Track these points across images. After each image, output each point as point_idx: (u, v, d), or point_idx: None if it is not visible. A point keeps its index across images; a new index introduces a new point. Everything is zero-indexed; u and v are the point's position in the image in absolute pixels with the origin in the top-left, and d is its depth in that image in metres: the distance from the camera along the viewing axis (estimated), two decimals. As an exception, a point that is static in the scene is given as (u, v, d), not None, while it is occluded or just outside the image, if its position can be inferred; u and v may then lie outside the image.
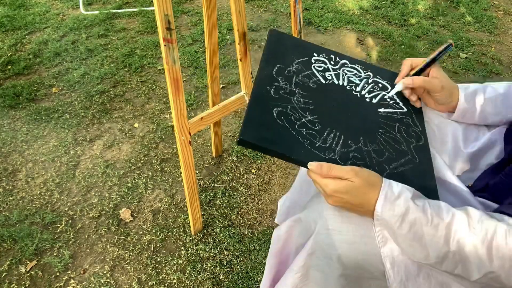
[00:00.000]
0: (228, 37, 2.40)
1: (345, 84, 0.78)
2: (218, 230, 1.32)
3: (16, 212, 1.36)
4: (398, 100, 0.79)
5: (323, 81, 0.76)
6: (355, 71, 0.82)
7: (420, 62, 0.78)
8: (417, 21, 2.65)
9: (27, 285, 1.16)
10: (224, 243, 1.28)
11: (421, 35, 2.49)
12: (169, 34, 0.86)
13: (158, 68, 2.12)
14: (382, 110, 0.76)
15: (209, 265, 1.22)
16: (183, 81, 2.02)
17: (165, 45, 0.87)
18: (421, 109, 0.80)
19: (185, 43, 2.32)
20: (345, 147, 0.67)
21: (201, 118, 1.07)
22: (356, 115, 0.73)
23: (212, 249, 1.26)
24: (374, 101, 0.78)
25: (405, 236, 0.56)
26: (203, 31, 2.39)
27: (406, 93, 0.79)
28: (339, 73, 0.80)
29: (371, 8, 2.81)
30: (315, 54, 0.81)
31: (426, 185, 0.65)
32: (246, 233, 1.31)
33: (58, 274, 1.19)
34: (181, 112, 0.98)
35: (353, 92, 0.78)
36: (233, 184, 1.49)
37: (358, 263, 0.64)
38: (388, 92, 0.79)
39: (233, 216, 1.37)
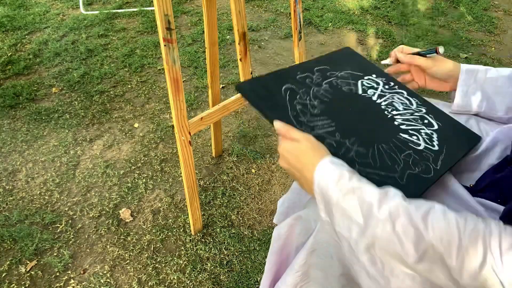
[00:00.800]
0: (228, 37, 2.40)
1: (381, 103, 0.78)
2: (218, 230, 1.32)
3: (16, 212, 1.36)
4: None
5: (358, 91, 0.78)
6: (407, 101, 0.80)
7: (411, 50, 0.83)
8: (417, 21, 2.65)
9: (27, 285, 1.16)
10: (224, 243, 1.28)
11: (421, 35, 2.49)
12: (169, 34, 0.86)
13: (158, 68, 2.12)
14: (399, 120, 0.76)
15: (209, 265, 1.22)
16: (183, 81, 2.02)
17: (165, 45, 0.87)
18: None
19: (185, 43, 2.32)
20: (363, 148, 0.68)
21: (201, 118, 1.07)
22: (367, 115, 0.75)
23: (212, 249, 1.26)
24: (396, 122, 0.76)
25: (339, 198, 0.54)
26: (203, 31, 2.38)
27: (391, 69, 0.84)
28: (385, 94, 0.79)
29: (371, 8, 2.81)
30: (373, 75, 0.83)
31: (461, 129, 0.72)
32: (246, 233, 1.31)
33: (58, 274, 1.19)
34: (181, 112, 0.98)
35: (366, 97, 0.78)
36: (233, 184, 1.49)
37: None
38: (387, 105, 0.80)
39: (233, 216, 1.37)
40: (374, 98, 0.78)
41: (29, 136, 1.68)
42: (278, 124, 0.64)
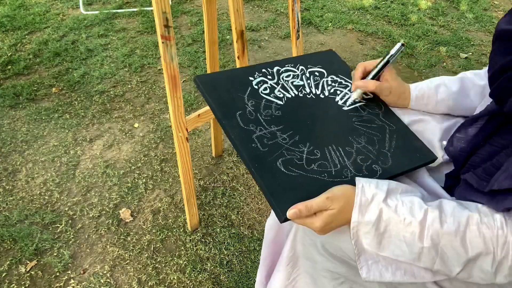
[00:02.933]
0: (228, 37, 2.40)
1: (296, 92, 0.79)
2: (218, 230, 1.32)
3: (16, 212, 1.36)
4: (341, 81, 0.83)
5: (280, 102, 0.76)
6: (291, 73, 0.82)
7: (373, 64, 0.80)
8: (417, 21, 2.65)
9: (27, 285, 1.16)
10: (224, 243, 1.28)
11: (421, 35, 2.49)
12: (166, 32, 0.87)
13: (158, 68, 2.12)
14: (338, 99, 0.80)
15: (209, 265, 1.22)
16: (183, 81, 2.02)
17: (163, 42, 0.88)
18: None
19: (185, 43, 2.32)
20: (349, 157, 0.68)
21: (198, 115, 1.08)
22: (329, 119, 0.75)
23: (212, 249, 1.26)
24: (326, 93, 0.80)
25: (382, 237, 0.57)
26: (203, 31, 2.39)
27: (363, 96, 0.81)
28: (283, 83, 0.80)
29: (371, 8, 2.81)
30: (250, 78, 0.79)
31: (416, 146, 0.72)
32: (246, 233, 1.31)
33: (58, 274, 1.19)
34: (179, 109, 0.99)
35: (307, 96, 0.78)
36: (233, 184, 1.49)
37: (343, 251, 0.65)
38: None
39: (233, 216, 1.37)
40: (288, 95, 0.78)
41: (29, 136, 1.68)
42: (293, 215, 0.57)
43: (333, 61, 0.88)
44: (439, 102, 0.78)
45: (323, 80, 0.83)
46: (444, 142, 0.74)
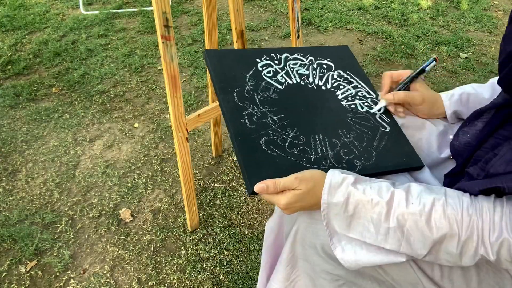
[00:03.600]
0: (228, 37, 2.40)
1: (298, 80, 0.80)
2: (218, 230, 1.32)
3: (16, 212, 1.36)
4: (347, 77, 0.84)
5: (280, 87, 0.77)
6: (298, 61, 0.83)
7: (400, 74, 0.80)
8: (417, 21, 2.65)
9: (27, 285, 1.16)
10: (224, 243, 1.28)
11: (421, 35, 2.49)
12: (166, 32, 0.87)
13: (158, 68, 2.12)
14: (339, 93, 0.80)
15: (209, 265, 1.22)
16: (183, 81, 2.02)
17: (162, 42, 0.88)
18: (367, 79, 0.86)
19: (185, 43, 2.32)
20: (333, 148, 0.69)
21: (198, 115, 1.08)
22: (324, 110, 0.76)
23: (212, 249, 1.26)
24: (328, 86, 0.81)
25: (351, 218, 0.58)
26: (203, 31, 2.39)
27: (390, 108, 0.80)
28: (288, 70, 0.81)
29: (371, 8, 2.81)
30: (257, 59, 0.81)
31: (405, 150, 0.72)
32: (246, 233, 1.31)
33: (58, 274, 1.19)
34: (178, 109, 0.99)
35: (309, 86, 0.79)
36: (233, 184, 1.49)
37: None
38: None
39: (233, 216, 1.37)
40: (290, 81, 0.79)
41: (29, 136, 1.68)
42: (259, 189, 0.59)
43: (344, 57, 0.88)
44: (471, 108, 0.76)
45: (329, 74, 0.83)
46: (451, 137, 0.73)
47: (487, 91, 0.77)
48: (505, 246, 0.50)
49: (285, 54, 0.83)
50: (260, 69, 0.79)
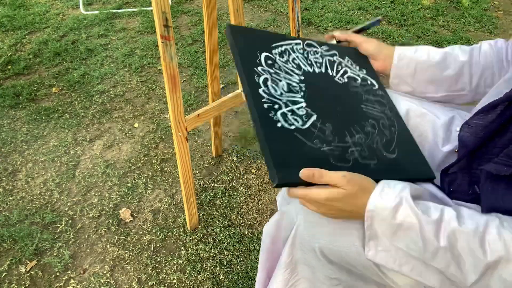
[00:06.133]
0: (228, 37, 2.40)
1: (317, 69, 0.80)
2: (218, 230, 1.32)
3: (16, 212, 1.36)
4: (368, 79, 0.85)
5: (299, 72, 0.77)
6: (313, 48, 0.85)
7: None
8: (417, 21, 2.65)
9: (27, 285, 1.16)
10: (224, 243, 1.28)
11: (421, 35, 2.49)
12: (166, 31, 0.87)
13: (158, 68, 2.12)
14: (354, 87, 0.81)
15: (209, 265, 1.22)
16: (183, 81, 2.02)
17: (162, 42, 0.88)
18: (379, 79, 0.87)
19: (185, 43, 2.32)
20: (351, 142, 0.68)
21: (198, 114, 1.08)
22: (344, 101, 0.76)
23: (212, 249, 1.26)
24: (344, 78, 0.81)
25: (397, 227, 0.55)
26: (203, 31, 2.39)
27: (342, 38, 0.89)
28: (307, 58, 0.81)
29: (371, 8, 2.81)
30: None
31: (418, 159, 0.72)
32: (246, 233, 1.31)
33: (58, 274, 1.19)
34: (178, 109, 0.99)
35: (327, 76, 0.80)
36: (233, 184, 1.49)
37: (341, 256, 0.64)
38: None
39: (233, 216, 1.37)
40: (312, 69, 0.79)
41: (29, 136, 1.68)
42: (305, 172, 0.56)
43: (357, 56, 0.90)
44: (419, 63, 0.79)
45: (342, 66, 0.85)
46: (457, 129, 0.71)
47: (437, 54, 0.80)
48: None
49: (297, 41, 0.83)
50: (281, 52, 0.78)
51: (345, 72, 0.83)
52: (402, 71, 0.82)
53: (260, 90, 0.66)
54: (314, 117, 0.67)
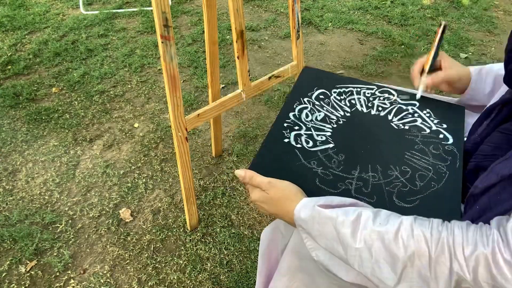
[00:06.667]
0: (228, 37, 2.40)
1: (382, 114, 0.78)
2: (218, 230, 1.32)
3: (16, 212, 1.36)
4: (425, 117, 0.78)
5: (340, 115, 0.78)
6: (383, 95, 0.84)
7: (426, 58, 0.80)
8: (417, 21, 2.65)
9: (27, 285, 1.16)
10: (224, 243, 1.28)
11: (421, 35, 2.49)
12: (166, 31, 0.87)
13: (158, 68, 2.12)
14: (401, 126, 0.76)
15: (209, 265, 1.22)
16: (183, 81, 2.02)
17: (162, 42, 0.88)
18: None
19: (185, 43, 2.32)
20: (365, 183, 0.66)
21: (198, 114, 1.08)
22: (377, 146, 0.72)
23: (212, 249, 1.26)
24: (395, 120, 0.76)
25: (319, 234, 0.57)
26: (203, 31, 2.39)
27: (428, 91, 0.81)
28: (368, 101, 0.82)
29: (371, 8, 2.81)
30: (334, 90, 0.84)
31: (450, 208, 0.61)
32: (246, 233, 1.31)
33: (58, 274, 1.19)
34: (178, 109, 0.99)
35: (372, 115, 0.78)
36: (233, 184, 1.49)
37: (341, 266, 0.64)
38: (413, 102, 0.80)
39: (233, 216, 1.37)
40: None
41: (29, 136, 1.68)
42: (240, 172, 0.64)
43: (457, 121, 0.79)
44: (497, 78, 0.77)
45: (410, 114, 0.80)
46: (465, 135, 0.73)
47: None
48: (482, 263, 0.44)
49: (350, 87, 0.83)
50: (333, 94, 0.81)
51: (413, 121, 0.76)
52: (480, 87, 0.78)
53: (291, 114, 0.73)
54: (329, 145, 0.70)
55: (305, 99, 0.76)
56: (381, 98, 0.81)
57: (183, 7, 2.73)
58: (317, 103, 0.76)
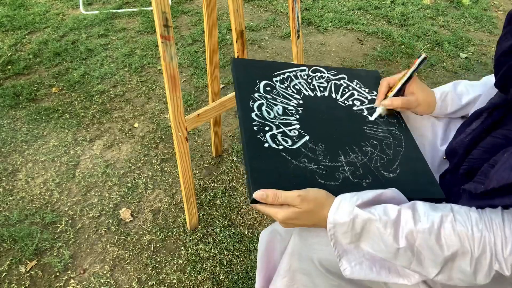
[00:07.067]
0: (228, 37, 2.40)
1: (318, 92, 0.81)
2: (218, 230, 1.32)
3: (16, 212, 1.36)
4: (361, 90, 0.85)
5: (298, 96, 0.78)
6: (319, 73, 0.85)
7: (396, 79, 0.79)
8: (417, 21, 2.65)
9: (27, 285, 1.16)
10: (224, 243, 1.28)
11: (421, 35, 2.49)
12: (166, 31, 0.87)
13: (158, 68, 2.12)
14: (356, 108, 0.80)
15: (209, 265, 1.22)
16: (183, 81, 2.02)
17: (162, 42, 0.88)
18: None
19: (185, 43, 2.32)
20: (348, 162, 0.68)
21: (198, 114, 1.08)
22: (341, 121, 0.76)
23: (212, 249, 1.26)
24: (343, 99, 0.81)
25: (359, 235, 0.57)
26: (203, 31, 2.39)
27: (386, 112, 0.81)
28: (309, 82, 0.83)
29: (371, 8, 2.81)
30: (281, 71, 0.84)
31: (426, 178, 0.68)
32: (246, 233, 1.31)
33: (58, 274, 1.19)
34: (178, 109, 0.99)
35: (325, 98, 0.80)
36: (233, 184, 1.49)
37: (337, 265, 0.64)
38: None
39: (233, 216, 1.37)
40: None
41: (29, 136, 1.68)
42: (259, 196, 0.57)
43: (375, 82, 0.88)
44: (463, 107, 0.77)
45: (345, 87, 0.84)
46: (441, 147, 0.74)
47: (479, 90, 0.77)
48: None
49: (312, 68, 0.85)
50: (281, 79, 0.80)
51: (352, 94, 0.83)
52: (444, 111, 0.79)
53: (253, 114, 0.70)
54: (306, 138, 0.69)
55: (256, 95, 0.74)
56: (317, 78, 0.84)
57: (183, 7, 2.73)
58: (268, 96, 0.75)
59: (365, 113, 0.79)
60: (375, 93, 0.84)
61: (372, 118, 0.79)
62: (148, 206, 1.40)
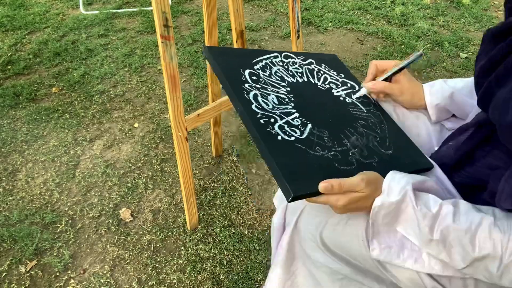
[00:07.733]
0: (228, 37, 2.40)
1: (299, 79, 0.80)
2: (218, 230, 1.32)
3: (16, 212, 1.36)
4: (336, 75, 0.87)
5: (284, 84, 0.77)
6: (291, 59, 0.85)
7: (387, 64, 0.81)
8: (417, 21, 2.65)
9: (27, 285, 1.16)
10: (224, 243, 1.28)
11: (421, 35, 2.49)
12: (166, 31, 0.87)
13: (158, 68, 2.12)
14: (336, 93, 0.81)
15: (209, 265, 1.22)
16: (183, 81, 2.02)
17: (162, 42, 0.88)
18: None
19: (185, 43, 2.32)
20: (350, 144, 0.69)
21: (198, 114, 1.08)
22: (330, 106, 0.76)
23: (212, 249, 1.26)
24: (324, 84, 0.82)
25: (398, 217, 0.59)
26: (203, 31, 2.39)
27: (373, 96, 0.83)
28: (288, 69, 0.82)
29: (371, 8, 2.81)
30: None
31: (417, 159, 0.70)
32: (246, 233, 1.31)
33: (58, 274, 1.19)
34: (178, 109, 0.99)
35: (310, 84, 0.80)
36: (233, 184, 1.49)
37: (343, 246, 0.65)
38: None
39: (233, 216, 1.37)
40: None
41: (29, 136, 1.68)
42: (323, 186, 0.56)
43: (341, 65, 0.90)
44: (456, 91, 0.77)
45: (321, 72, 0.85)
46: (436, 148, 0.74)
47: (467, 86, 0.78)
48: None
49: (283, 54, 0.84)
50: (263, 67, 0.78)
51: (325, 78, 0.83)
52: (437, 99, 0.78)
53: (253, 106, 0.66)
54: (309, 126, 0.68)
55: (246, 85, 0.71)
56: (291, 64, 0.83)
57: (183, 7, 2.73)
58: (257, 86, 0.72)
59: (343, 95, 0.80)
60: (342, 75, 0.86)
61: (354, 97, 0.81)
62: (148, 206, 1.40)
